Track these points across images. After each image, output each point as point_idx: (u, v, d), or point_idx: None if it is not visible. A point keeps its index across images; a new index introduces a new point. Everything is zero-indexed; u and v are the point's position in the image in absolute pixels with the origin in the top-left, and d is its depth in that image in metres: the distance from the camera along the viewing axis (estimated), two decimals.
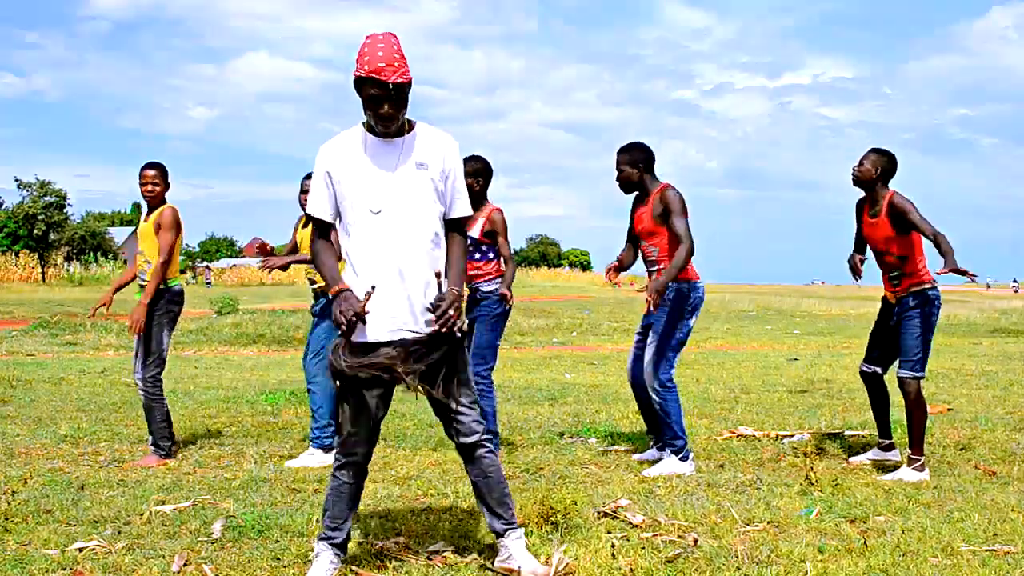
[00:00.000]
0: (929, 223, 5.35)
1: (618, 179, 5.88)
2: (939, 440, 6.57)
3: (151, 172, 6.13)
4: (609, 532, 4.23)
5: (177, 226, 6.10)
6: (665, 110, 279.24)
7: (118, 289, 6.55)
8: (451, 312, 3.49)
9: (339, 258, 3.88)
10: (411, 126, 3.64)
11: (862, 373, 6.03)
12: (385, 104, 3.45)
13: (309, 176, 6.07)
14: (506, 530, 3.74)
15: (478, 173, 6.02)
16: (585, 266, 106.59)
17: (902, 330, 5.56)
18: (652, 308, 5.59)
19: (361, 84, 3.45)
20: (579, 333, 20.21)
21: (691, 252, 5.57)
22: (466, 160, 5.99)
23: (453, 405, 3.68)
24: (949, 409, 8.17)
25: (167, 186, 6.18)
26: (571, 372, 12.12)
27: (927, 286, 5.53)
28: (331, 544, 3.71)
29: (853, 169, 5.65)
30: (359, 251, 3.60)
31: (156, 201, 6.13)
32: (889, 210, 5.49)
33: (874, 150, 5.63)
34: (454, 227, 3.73)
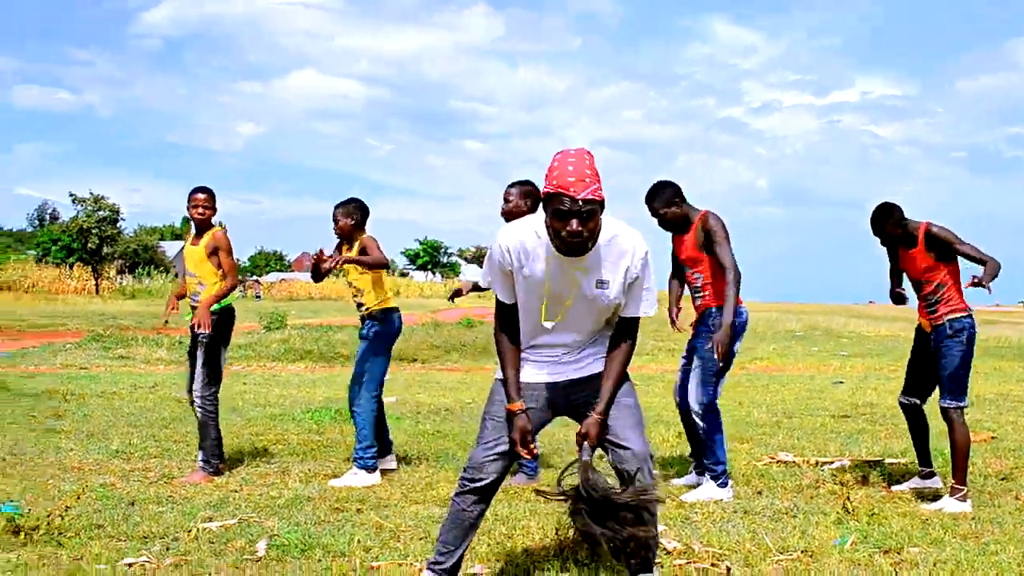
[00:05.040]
0: (976, 247, 5.46)
1: (664, 224, 5.96)
2: (980, 470, 6.54)
3: (202, 196, 6.32)
4: None
5: (231, 247, 6.33)
6: (713, 128, 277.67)
7: (180, 297, 6.69)
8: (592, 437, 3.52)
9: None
10: (598, 235, 3.43)
11: (901, 404, 6.06)
12: (573, 220, 3.28)
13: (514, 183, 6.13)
14: (639, 572, 3.64)
15: (530, 195, 6.04)
16: None
17: (941, 359, 5.57)
18: (719, 354, 5.66)
19: (548, 200, 3.32)
20: None
21: (739, 280, 5.65)
22: (519, 184, 6.08)
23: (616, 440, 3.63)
24: (993, 437, 8.10)
25: (215, 210, 6.38)
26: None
27: (962, 314, 5.55)
28: (437, 570, 3.66)
29: (879, 237, 5.79)
30: (524, 333, 3.66)
31: (206, 224, 6.33)
32: (927, 240, 5.54)
33: (877, 215, 5.72)
34: (625, 326, 3.63)
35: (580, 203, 3.26)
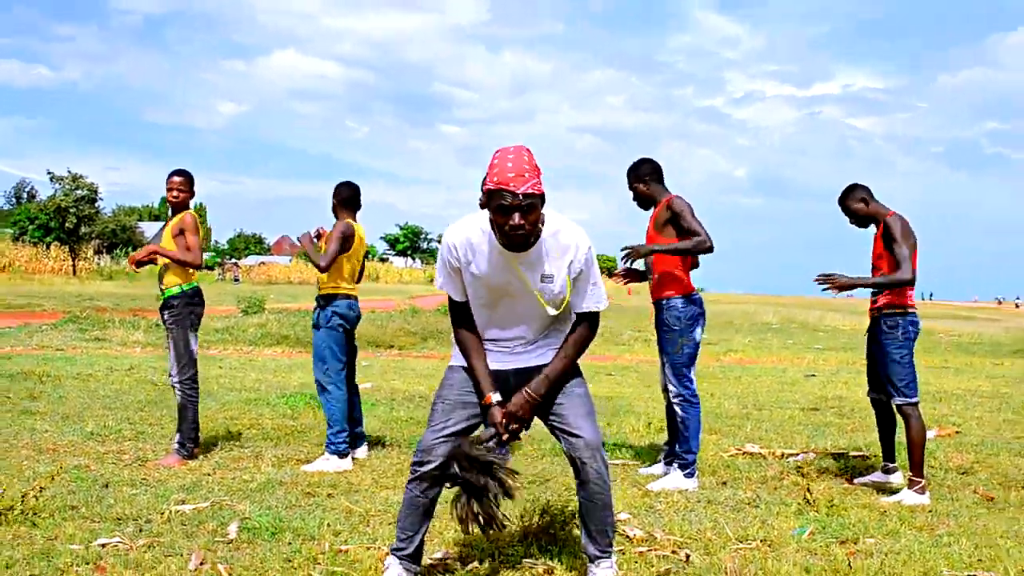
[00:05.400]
0: (904, 257, 5.53)
1: (635, 198, 6.08)
2: (942, 463, 6.68)
3: (178, 179, 6.39)
4: None
5: (198, 229, 6.37)
6: (694, 117, 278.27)
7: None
8: (513, 427, 3.56)
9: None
10: (540, 230, 3.56)
11: (871, 400, 6.19)
12: (515, 214, 3.39)
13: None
14: (598, 558, 3.79)
15: None
16: (610, 272, 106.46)
17: (884, 358, 5.71)
18: (625, 260, 5.92)
19: (490, 196, 3.43)
20: (599, 342, 20.31)
21: (704, 245, 5.72)
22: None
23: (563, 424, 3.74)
24: (958, 432, 8.25)
25: (192, 193, 6.44)
26: (587, 383, 12.22)
27: (898, 310, 5.67)
28: (400, 556, 3.77)
29: (847, 216, 5.90)
30: (477, 327, 3.77)
31: (181, 207, 6.40)
32: (884, 228, 5.67)
33: (843, 192, 5.89)
34: (581, 320, 3.71)
35: (520, 197, 3.38)
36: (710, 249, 5.75)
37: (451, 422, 3.73)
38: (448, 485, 3.67)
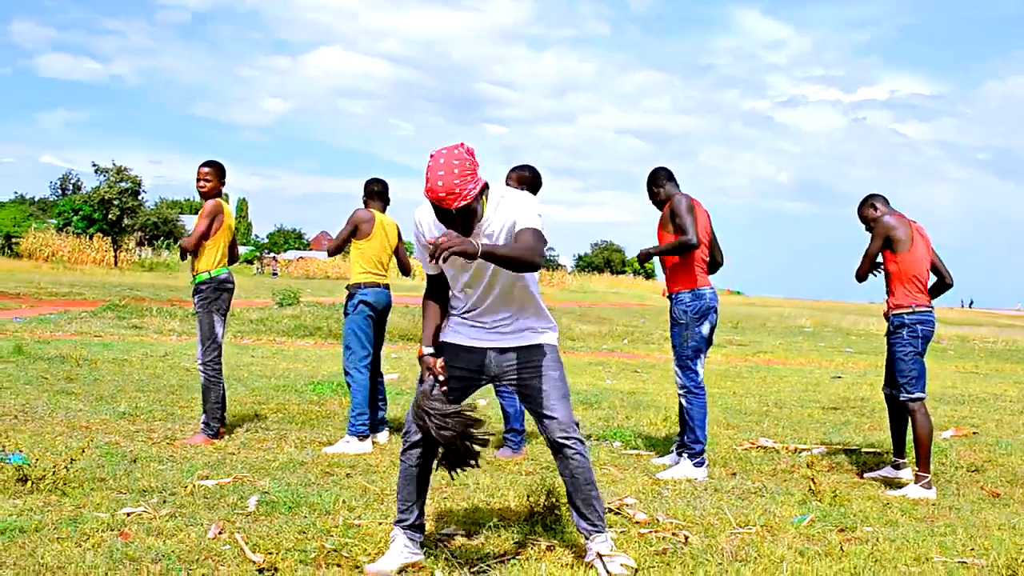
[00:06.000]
0: (866, 261, 5.93)
1: (657, 204, 6.28)
2: (953, 461, 6.76)
3: (205, 169, 6.62)
4: (610, 527, 4.53)
5: (212, 215, 6.58)
6: (737, 120, 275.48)
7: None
8: (453, 242, 3.38)
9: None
10: (485, 201, 3.72)
11: (884, 395, 6.29)
12: (453, 221, 3.61)
13: None
14: (591, 533, 3.93)
15: (524, 181, 6.25)
16: (649, 274, 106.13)
17: (894, 355, 5.85)
18: (638, 258, 6.25)
19: (432, 201, 3.60)
20: (630, 341, 20.41)
21: (687, 245, 5.92)
22: (517, 168, 6.29)
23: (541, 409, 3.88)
24: (975, 432, 8.29)
25: (221, 183, 6.65)
26: (613, 379, 12.38)
27: (905, 310, 5.82)
28: (404, 527, 3.95)
29: (864, 224, 6.20)
30: (457, 301, 3.95)
31: (209, 196, 6.62)
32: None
33: (862, 203, 6.20)
34: (523, 233, 3.70)
35: (455, 210, 3.57)
36: (694, 246, 5.94)
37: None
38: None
